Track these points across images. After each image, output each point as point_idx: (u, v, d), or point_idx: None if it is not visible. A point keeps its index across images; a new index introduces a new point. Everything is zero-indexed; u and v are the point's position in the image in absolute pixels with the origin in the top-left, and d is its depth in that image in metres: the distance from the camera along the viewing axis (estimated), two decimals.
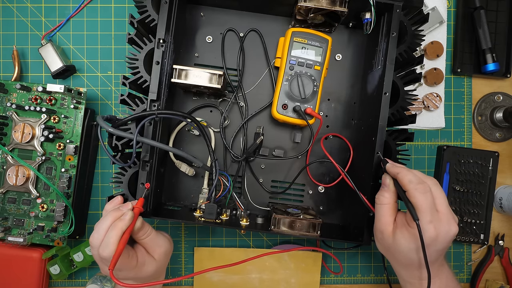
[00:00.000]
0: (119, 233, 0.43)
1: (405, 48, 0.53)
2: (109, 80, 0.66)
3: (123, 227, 0.44)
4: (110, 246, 0.42)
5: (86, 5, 0.65)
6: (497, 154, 0.67)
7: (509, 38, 0.68)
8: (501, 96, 0.69)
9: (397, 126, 0.57)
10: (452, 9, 0.69)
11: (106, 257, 0.42)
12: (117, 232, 0.43)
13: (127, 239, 0.44)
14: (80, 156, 0.61)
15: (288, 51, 0.57)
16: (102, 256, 0.43)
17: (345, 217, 0.62)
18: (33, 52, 0.65)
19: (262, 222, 0.58)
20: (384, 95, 0.52)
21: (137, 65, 0.51)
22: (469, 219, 0.66)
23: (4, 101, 0.59)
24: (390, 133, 0.54)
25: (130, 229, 0.45)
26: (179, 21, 0.56)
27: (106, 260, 0.43)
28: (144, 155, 0.51)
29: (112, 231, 0.43)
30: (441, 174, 0.67)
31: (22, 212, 0.60)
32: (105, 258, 0.43)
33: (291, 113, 0.58)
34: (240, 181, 0.62)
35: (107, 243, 0.43)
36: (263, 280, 0.65)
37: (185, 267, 0.67)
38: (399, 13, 0.52)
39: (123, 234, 0.44)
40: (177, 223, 0.66)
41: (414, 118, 0.53)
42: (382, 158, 0.51)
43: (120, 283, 0.41)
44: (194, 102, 0.62)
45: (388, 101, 0.52)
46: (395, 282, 0.68)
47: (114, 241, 0.42)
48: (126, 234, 0.44)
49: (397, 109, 0.53)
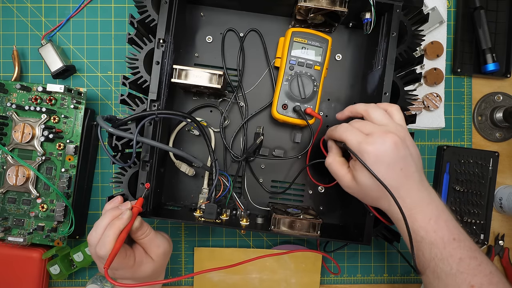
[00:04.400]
0: (116, 232, 0.43)
1: (405, 48, 0.53)
2: (109, 80, 0.66)
3: (120, 226, 0.44)
4: (107, 245, 0.42)
5: (86, 5, 0.65)
6: (497, 154, 0.67)
7: (509, 38, 0.68)
8: (501, 96, 0.69)
9: None
10: (452, 9, 0.69)
11: (103, 256, 0.43)
12: (114, 231, 0.43)
13: (124, 238, 0.44)
14: (80, 156, 0.61)
15: (288, 51, 0.57)
16: (99, 254, 0.43)
17: (345, 217, 0.62)
18: (33, 52, 0.65)
19: (262, 222, 0.58)
20: (384, 95, 0.52)
21: (137, 65, 0.51)
22: (469, 219, 0.66)
23: (4, 101, 0.59)
24: None
25: (127, 228, 0.44)
26: (179, 21, 0.56)
27: (103, 258, 0.43)
28: (144, 155, 0.51)
29: (110, 230, 0.43)
30: (441, 174, 0.67)
31: (22, 212, 0.60)
32: (102, 257, 0.43)
33: (291, 113, 0.58)
34: (240, 181, 0.62)
35: (104, 241, 0.43)
36: (263, 280, 0.65)
37: (185, 267, 0.67)
38: (399, 13, 0.52)
39: (120, 233, 0.44)
40: (177, 223, 0.66)
41: (414, 118, 0.53)
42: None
43: (114, 282, 0.41)
44: (194, 102, 0.62)
45: (388, 101, 0.52)
46: (395, 282, 0.69)
47: (111, 240, 0.42)
48: (124, 233, 0.44)
49: None
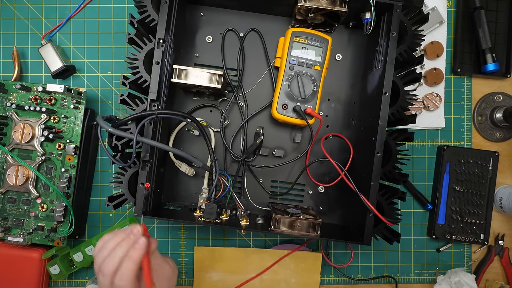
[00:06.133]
0: (136, 265, 0.40)
1: (405, 48, 0.53)
2: (109, 80, 0.66)
3: (140, 256, 0.41)
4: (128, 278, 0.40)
5: (86, 5, 0.65)
6: (497, 154, 0.67)
7: (509, 38, 0.68)
8: (501, 96, 0.69)
9: (397, 126, 0.57)
10: (452, 9, 0.69)
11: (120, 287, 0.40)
12: (134, 263, 0.40)
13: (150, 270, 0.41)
14: (80, 156, 0.61)
15: (288, 51, 0.57)
16: (117, 286, 0.41)
17: (345, 217, 0.62)
18: (33, 52, 0.65)
19: (262, 222, 0.58)
20: (384, 95, 0.52)
21: (137, 65, 0.51)
22: (469, 219, 0.66)
23: (4, 101, 0.59)
24: (390, 133, 0.54)
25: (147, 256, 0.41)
26: (179, 21, 0.56)
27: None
28: (144, 155, 0.51)
29: (129, 262, 0.40)
30: (441, 174, 0.67)
31: (22, 212, 0.60)
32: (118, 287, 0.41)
33: (291, 113, 0.57)
34: (240, 181, 0.62)
35: (123, 274, 0.40)
36: (263, 280, 0.65)
37: (185, 267, 0.67)
38: (399, 13, 0.52)
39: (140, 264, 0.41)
40: (177, 223, 0.66)
41: (414, 118, 0.53)
42: None
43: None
44: (194, 102, 0.62)
45: (388, 101, 0.52)
46: (394, 282, 0.69)
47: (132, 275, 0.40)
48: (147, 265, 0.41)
49: (397, 109, 0.53)
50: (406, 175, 0.55)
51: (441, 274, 0.67)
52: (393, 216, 0.54)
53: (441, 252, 0.68)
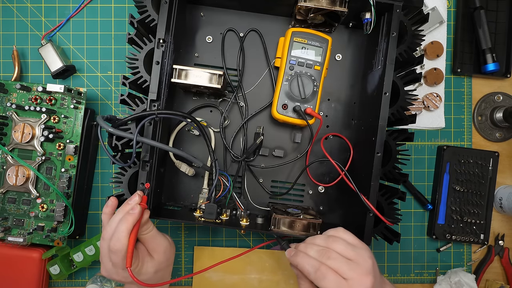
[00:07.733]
0: (129, 227, 0.45)
1: (405, 48, 0.53)
2: (109, 80, 0.66)
3: (133, 220, 0.45)
4: (121, 239, 0.44)
5: (86, 5, 0.65)
6: (497, 154, 0.67)
7: (509, 38, 0.68)
8: (501, 96, 0.69)
9: (397, 126, 0.57)
10: (452, 9, 0.69)
11: (116, 250, 0.44)
12: (127, 225, 0.45)
13: (137, 233, 0.46)
14: (80, 156, 0.61)
15: (288, 51, 0.57)
16: (112, 248, 0.44)
17: (345, 217, 0.62)
18: (33, 52, 0.65)
19: (262, 222, 0.58)
20: (384, 95, 0.52)
21: (137, 65, 0.51)
22: (469, 219, 0.66)
23: (4, 101, 0.59)
24: (390, 133, 0.54)
25: (139, 223, 0.46)
26: (179, 21, 0.56)
27: (115, 253, 0.44)
28: (144, 155, 0.51)
29: (123, 224, 0.45)
30: (441, 174, 0.67)
31: (22, 212, 0.60)
32: (115, 251, 0.44)
33: (291, 113, 0.58)
34: (240, 181, 0.62)
35: (118, 236, 0.44)
36: (262, 280, 0.65)
37: (185, 267, 0.67)
38: (399, 13, 0.52)
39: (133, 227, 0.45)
40: (177, 223, 0.66)
41: (414, 118, 0.53)
42: (283, 246, 0.52)
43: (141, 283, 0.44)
44: (194, 102, 0.62)
45: (388, 101, 0.52)
46: (395, 282, 0.68)
47: (125, 235, 0.44)
48: (136, 228, 0.46)
49: (397, 109, 0.53)
50: (406, 175, 0.55)
51: (441, 274, 0.67)
52: (393, 216, 0.54)
53: (441, 252, 0.68)
